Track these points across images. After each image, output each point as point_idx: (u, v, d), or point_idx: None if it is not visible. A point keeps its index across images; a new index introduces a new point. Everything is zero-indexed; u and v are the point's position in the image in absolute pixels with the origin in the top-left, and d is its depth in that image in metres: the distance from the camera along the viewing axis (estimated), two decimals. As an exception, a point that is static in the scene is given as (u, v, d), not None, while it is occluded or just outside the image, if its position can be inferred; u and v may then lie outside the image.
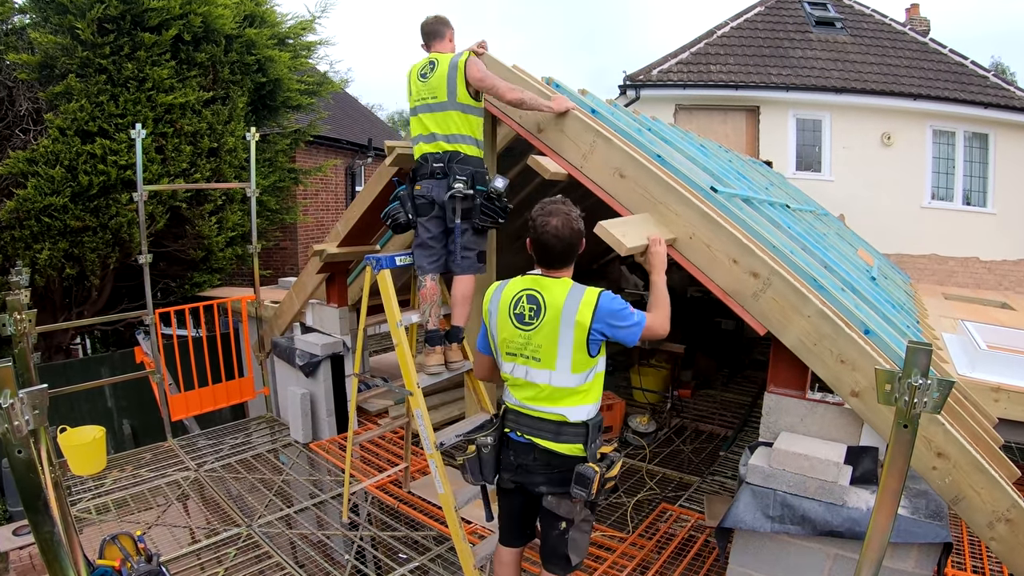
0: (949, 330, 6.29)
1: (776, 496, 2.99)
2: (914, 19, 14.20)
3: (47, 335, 8.41)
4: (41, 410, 1.81)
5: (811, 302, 2.98)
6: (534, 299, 2.66)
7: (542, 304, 2.63)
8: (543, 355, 2.64)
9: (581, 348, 2.59)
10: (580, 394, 2.67)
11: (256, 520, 4.90)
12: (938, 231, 11.36)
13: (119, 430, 8.34)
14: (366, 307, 4.35)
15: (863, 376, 2.84)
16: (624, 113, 5.20)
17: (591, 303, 2.57)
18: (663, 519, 4.89)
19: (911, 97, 11.43)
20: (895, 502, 2.00)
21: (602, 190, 3.71)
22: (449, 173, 3.83)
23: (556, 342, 2.60)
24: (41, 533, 1.90)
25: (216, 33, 8.47)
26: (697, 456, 6.34)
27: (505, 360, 2.77)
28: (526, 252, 2.77)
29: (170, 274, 9.37)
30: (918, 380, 1.86)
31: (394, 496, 5.23)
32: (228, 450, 6.38)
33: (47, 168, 7.35)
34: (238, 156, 9.00)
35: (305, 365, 6.39)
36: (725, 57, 12.81)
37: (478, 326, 3.01)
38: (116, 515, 5.02)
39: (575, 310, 2.57)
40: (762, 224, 3.88)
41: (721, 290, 3.28)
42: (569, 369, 2.62)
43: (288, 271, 12.72)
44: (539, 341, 2.63)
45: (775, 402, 3.28)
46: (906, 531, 2.72)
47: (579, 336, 2.58)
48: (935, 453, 2.74)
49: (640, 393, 7.69)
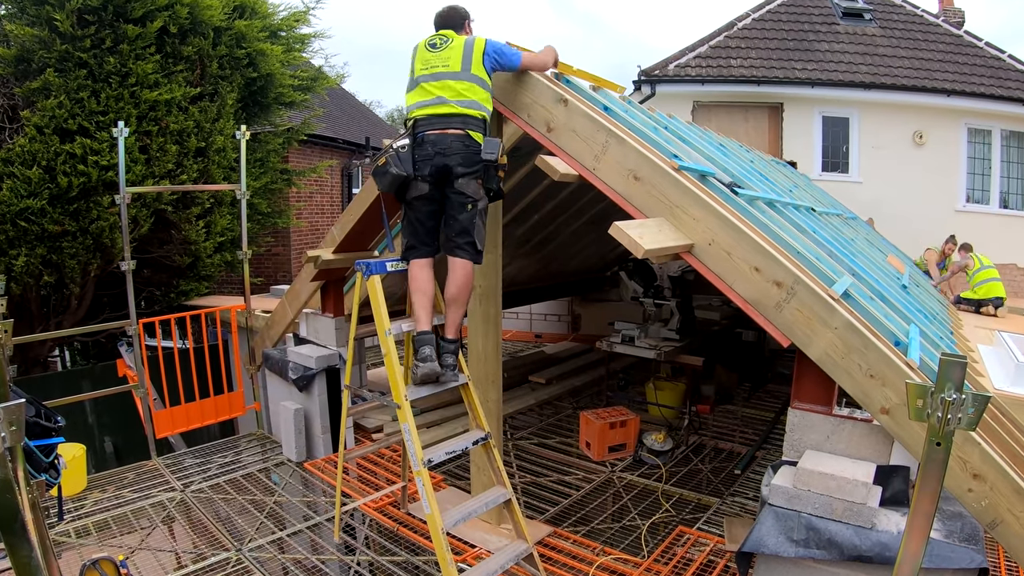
0: (985, 342, 6.30)
1: (801, 519, 3.00)
2: (948, 10, 14.18)
3: (24, 347, 8.43)
4: (18, 426, 1.83)
5: (838, 313, 2.99)
6: (444, 37, 3.96)
7: (450, 38, 3.95)
8: (451, 62, 3.84)
9: (479, 61, 3.86)
10: (480, 92, 3.84)
11: (246, 544, 4.93)
12: (973, 236, 11.31)
13: (100, 448, 8.36)
14: (356, 315, 4.39)
15: (893, 391, 2.86)
16: (639, 111, 5.24)
17: (483, 40, 3.92)
18: (680, 543, 4.90)
19: (944, 93, 11.44)
20: (928, 525, 2.01)
21: (616, 193, 3.75)
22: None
23: (461, 54, 3.85)
24: (18, 557, 1.92)
25: (204, 25, 8.52)
26: (716, 476, 6.34)
27: (420, 77, 3.91)
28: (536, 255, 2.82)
29: (155, 282, 9.40)
30: (952, 395, 1.87)
31: (393, 518, 5.25)
32: (216, 469, 6.41)
33: (23, 169, 7.37)
34: (227, 156, 9.03)
35: (299, 379, 6.42)
36: (746, 51, 12.86)
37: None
38: (97, 538, 5.05)
39: (473, 40, 3.93)
40: (786, 229, 3.91)
41: (743, 300, 3.30)
42: (470, 68, 3.84)
43: (280, 279, 12.75)
44: (448, 54, 3.87)
45: (800, 418, 3.30)
46: (939, 556, 2.73)
47: (479, 51, 3.88)
48: (971, 474, 2.75)
49: (656, 409, 7.69)
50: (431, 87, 3.89)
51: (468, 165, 3.80)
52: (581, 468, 6.56)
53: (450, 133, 3.80)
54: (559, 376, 9.38)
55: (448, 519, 3.67)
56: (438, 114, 3.84)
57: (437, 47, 3.94)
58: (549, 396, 8.76)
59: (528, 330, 12.77)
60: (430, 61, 3.93)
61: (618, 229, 3.23)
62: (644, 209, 3.62)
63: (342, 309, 6.48)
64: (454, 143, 3.79)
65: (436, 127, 3.83)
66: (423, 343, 3.96)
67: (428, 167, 3.83)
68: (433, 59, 3.93)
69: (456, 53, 3.89)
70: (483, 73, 3.90)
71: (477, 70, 3.88)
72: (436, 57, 3.92)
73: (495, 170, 3.88)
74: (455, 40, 3.94)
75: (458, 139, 3.80)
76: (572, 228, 8.54)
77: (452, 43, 3.93)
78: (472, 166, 3.81)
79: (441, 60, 3.90)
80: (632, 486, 6.14)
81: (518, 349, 11.41)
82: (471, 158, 3.80)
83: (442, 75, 3.87)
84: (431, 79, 3.90)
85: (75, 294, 8.38)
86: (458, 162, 3.79)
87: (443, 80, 3.87)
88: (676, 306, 7.71)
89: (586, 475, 6.39)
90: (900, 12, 13.71)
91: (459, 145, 3.79)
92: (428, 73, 3.92)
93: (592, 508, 5.73)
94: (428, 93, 3.90)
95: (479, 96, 3.88)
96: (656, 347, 7.20)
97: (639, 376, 9.03)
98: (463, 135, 3.80)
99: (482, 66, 3.89)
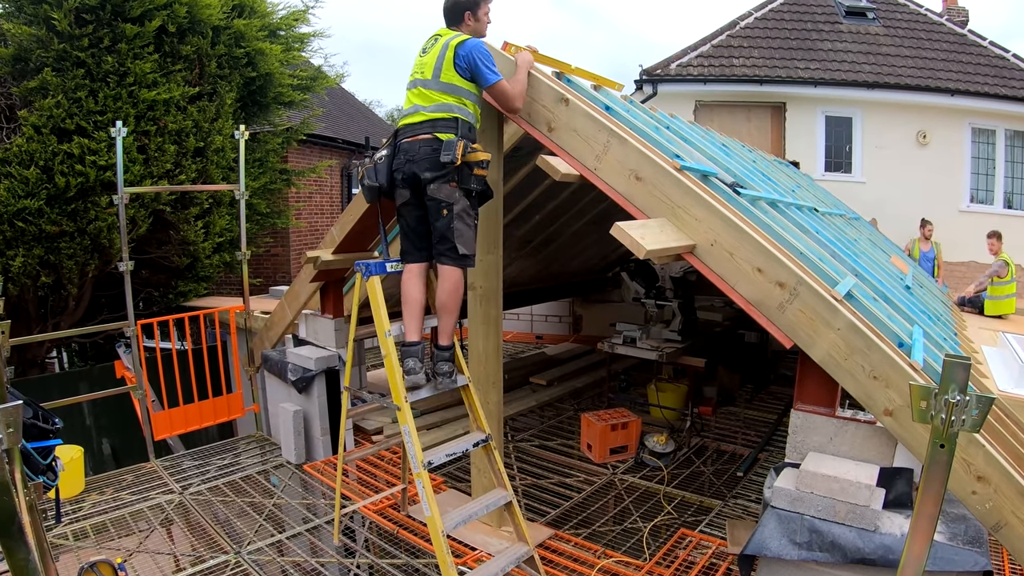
0: (989, 343, 6.30)
1: (803, 521, 3.00)
2: (951, 9, 14.16)
3: (21, 348, 8.45)
4: (15, 428, 1.83)
5: (841, 314, 3.00)
6: (436, 38, 3.94)
7: (438, 38, 3.92)
8: (426, 69, 3.84)
9: (449, 65, 3.79)
10: (451, 97, 3.79)
11: (245, 547, 4.93)
12: (977, 236, 11.31)
13: (98, 450, 8.37)
14: (356, 316, 4.39)
15: (897, 393, 2.86)
16: (641, 110, 5.24)
17: (456, 43, 3.81)
18: (682, 545, 4.91)
19: (948, 93, 11.45)
20: (931, 527, 2.02)
21: (617, 193, 3.75)
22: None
23: (435, 60, 3.82)
24: (15, 560, 1.91)
25: (203, 24, 8.53)
26: (718, 478, 6.35)
27: (408, 85, 3.94)
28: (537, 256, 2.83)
29: (153, 283, 9.41)
30: (956, 396, 1.88)
31: (393, 520, 5.25)
32: (215, 471, 6.42)
33: (21, 169, 7.38)
34: (226, 156, 9.04)
35: (298, 380, 6.43)
36: (749, 50, 12.87)
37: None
38: (95, 541, 5.05)
39: (448, 44, 3.82)
40: (789, 230, 3.92)
41: (745, 301, 3.31)
42: (439, 76, 3.80)
43: (280, 279, 12.75)
44: (428, 60, 3.86)
45: (802, 420, 3.30)
46: (943, 559, 2.73)
47: (449, 56, 3.79)
48: (975, 476, 2.75)
49: (657, 410, 7.70)
50: (411, 95, 3.91)
51: (435, 169, 3.71)
52: (582, 470, 6.56)
53: (419, 139, 3.77)
54: (560, 378, 9.39)
55: (448, 521, 3.67)
56: (411, 123, 3.84)
57: (425, 51, 3.93)
58: (550, 398, 8.78)
59: (529, 331, 12.77)
60: (416, 67, 3.94)
61: (620, 230, 3.24)
62: (646, 209, 3.62)
63: (341, 310, 6.49)
64: (422, 148, 3.75)
65: (408, 135, 3.82)
66: (407, 355, 3.96)
67: (401, 175, 3.83)
68: (417, 64, 3.93)
69: (432, 59, 3.85)
70: (456, 79, 3.81)
71: (447, 77, 3.81)
72: (419, 63, 3.92)
73: (468, 169, 3.76)
74: (439, 42, 3.89)
75: (426, 143, 3.75)
76: (573, 229, 8.55)
77: (435, 46, 3.89)
78: (440, 170, 3.71)
79: (421, 66, 3.90)
80: (634, 488, 6.15)
81: (519, 350, 11.42)
82: (437, 162, 3.71)
83: (419, 82, 3.88)
84: (412, 87, 3.92)
85: (73, 295, 8.39)
86: (425, 167, 3.72)
87: (419, 88, 3.87)
88: (678, 307, 7.72)
89: (587, 477, 6.39)
90: (904, 11, 13.72)
91: (427, 150, 3.73)
92: (411, 80, 3.94)
93: (593, 511, 5.73)
94: (408, 102, 3.92)
95: (450, 99, 3.81)
96: (658, 348, 7.20)
97: (641, 378, 9.04)
98: (431, 139, 3.75)
99: (453, 72, 3.81)
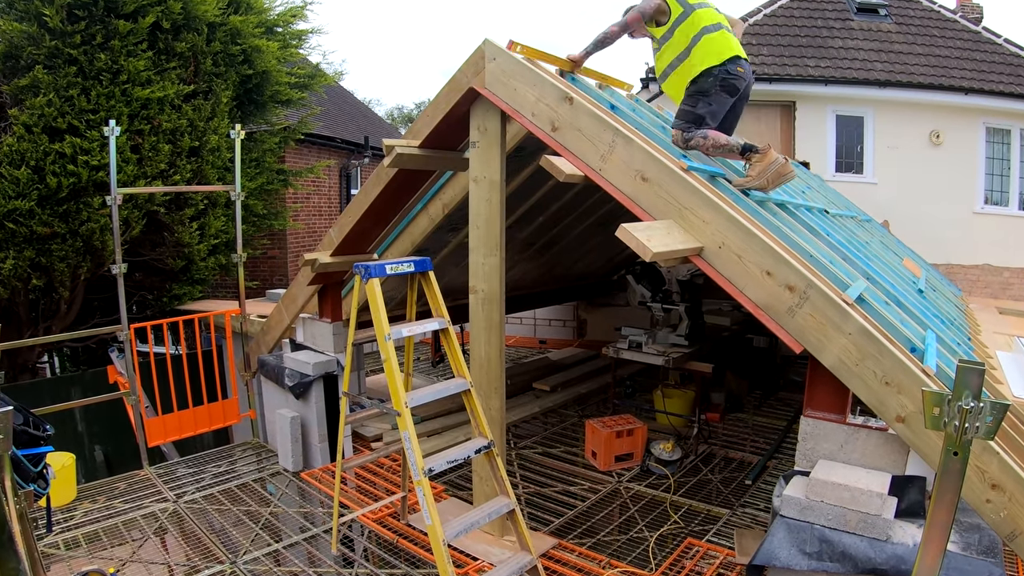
0: (1004, 348, 6.28)
1: (813, 530, 3.00)
2: (965, 6, 14.15)
3: (12, 352, 8.45)
4: (5, 435, 1.84)
5: (852, 318, 3.00)
6: None
7: None
8: None
9: None
10: None
11: (241, 556, 4.94)
12: (992, 239, 11.31)
13: (90, 457, 8.38)
14: (355, 320, 4.40)
15: (909, 399, 2.86)
16: (647, 109, 5.26)
17: None
18: (689, 555, 4.90)
19: (962, 92, 11.43)
20: (944, 537, 2.02)
21: (622, 194, 3.76)
22: None
23: None
24: (5, 570, 1.93)
25: (198, 20, 8.56)
26: (726, 486, 6.34)
27: None
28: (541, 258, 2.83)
29: (147, 285, 9.43)
30: (969, 403, 1.88)
31: (392, 530, 5.25)
32: (210, 479, 6.43)
33: (11, 169, 7.39)
34: (222, 156, 9.07)
35: (295, 386, 6.43)
36: (757, 47, 12.85)
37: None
38: (87, 550, 5.06)
39: None
40: (798, 232, 3.92)
41: (754, 304, 3.31)
42: None
43: (277, 282, 12.78)
44: None
45: (812, 427, 3.30)
46: (956, 569, 2.73)
47: None
48: (989, 484, 2.75)
49: (664, 417, 7.70)
50: None
51: None
52: (587, 478, 6.56)
53: None
54: (564, 383, 9.39)
55: (450, 530, 3.67)
56: None
57: None
58: (554, 404, 8.77)
59: (532, 336, 12.76)
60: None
61: (625, 231, 3.24)
62: (652, 211, 3.63)
63: (340, 314, 6.50)
64: None
65: None
66: None
67: None
68: None
69: None
70: None
71: None
72: None
73: None
74: None
75: None
76: (577, 230, 8.56)
77: None
78: None
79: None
80: (639, 497, 6.14)
81: (522, 355, 11.42)
82: None
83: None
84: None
85: (65, 298, 8.41)
86: None
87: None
88: (685, 311, 7.71)
89: (592, 485, 6.39)
90: (916, 7, 13.71)
91: None
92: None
93: (598, 519, 5.73)
94: None
95: None
96: (664, 353, 7.20)
97: (647, 383, 9.03)
98: None
99: None
